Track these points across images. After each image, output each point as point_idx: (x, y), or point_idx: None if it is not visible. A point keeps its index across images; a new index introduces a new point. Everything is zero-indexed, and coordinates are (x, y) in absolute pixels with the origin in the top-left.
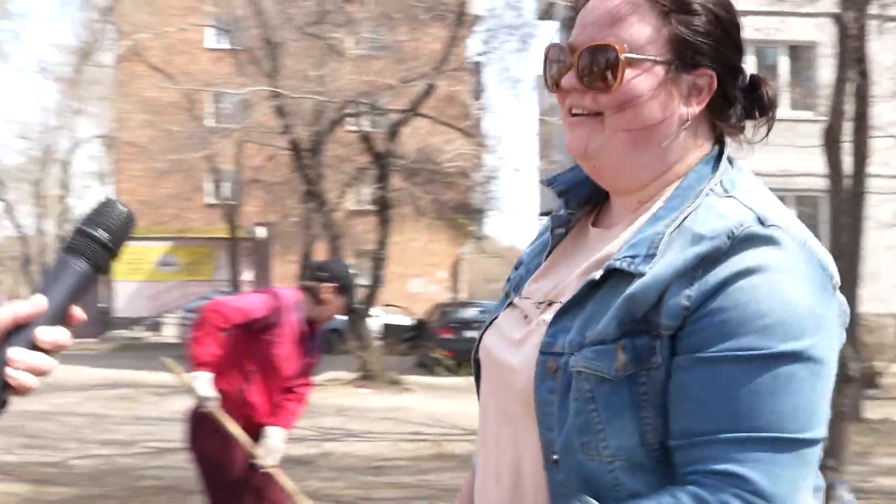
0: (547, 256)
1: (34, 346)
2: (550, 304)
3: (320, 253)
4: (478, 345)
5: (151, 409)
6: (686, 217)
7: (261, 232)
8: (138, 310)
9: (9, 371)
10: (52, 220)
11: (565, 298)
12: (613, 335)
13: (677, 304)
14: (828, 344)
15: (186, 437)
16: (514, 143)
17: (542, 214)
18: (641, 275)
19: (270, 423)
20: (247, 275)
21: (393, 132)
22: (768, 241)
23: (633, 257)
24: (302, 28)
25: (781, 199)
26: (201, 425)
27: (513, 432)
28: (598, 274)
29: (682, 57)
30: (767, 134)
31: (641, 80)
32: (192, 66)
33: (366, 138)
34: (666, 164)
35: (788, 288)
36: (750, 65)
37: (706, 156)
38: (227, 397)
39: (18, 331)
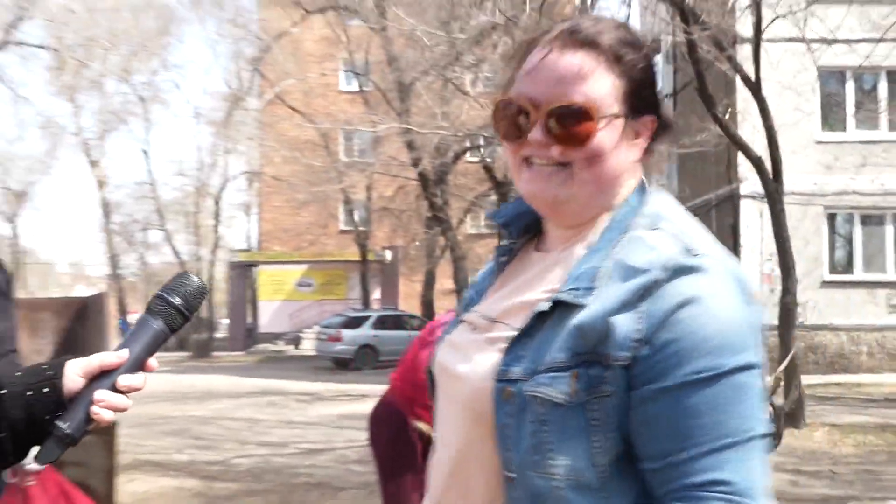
0: (494, 281)
1: (115, 389)
2: (495, 321)
3: (443, 274)
4: (433, 360)
5: (298, 415)
6: (619, 250)
7: (388, 255)
8: (280, 326)
9: (94, 408)
10: (206, 247)
11: (511, 321)
12: (567, 363)
13: (627, 338)
14: (760, 349)
15: (369, 437)
16: None
17: None
18: (583, 306)
19: None
20: (376, 294)
21: None
22: (697, 269)
23: (576, 290)
24: (431, 70)
25: (881, 217)
26: (382, 426)
27: (463, 444)
28: (545, 305)
29: (633, 107)
30: (667, 160)
31: (606, 135)
32: (327, 107)
33: (487, 168)
34: (613, 200)
35: (723, 310)
36: (849, 90)
37: (635, 187)
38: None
39: (104, 375)
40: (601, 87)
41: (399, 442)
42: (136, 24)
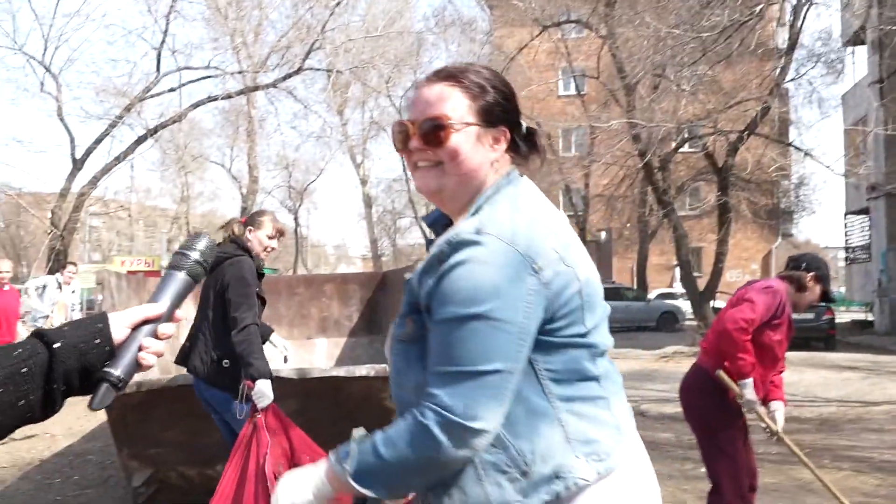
0: None
1: (155, 336)
2: None
3: (653, 252)
4: None
5: None
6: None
7: (603, 236)
8: None
9: (141, 354)
10: None
11: None
12: (406, 313)
13: (426, 291)
14: (506, 308)
15: (685, 402)
16: (823, 153)
17: (848, 213)
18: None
19: (775, 397)
20: None
21: (734, 149)
22: (474, 243)
23: (420, 261)
24: (657, 70)
25: None
26: (700, 393)
27: None
28: (408, 275)
29: (486, 120)
30: (541, 164)
31: (462, 138)
32: (547, 109)
33: (709, 155)
34: (481, 192)
35: (478, 273)
36: None
37: (499, 182)
38: (731, 377)
39: (145, 325)
40: (456, 105)
41: (718, 405)
42: (395, 49)
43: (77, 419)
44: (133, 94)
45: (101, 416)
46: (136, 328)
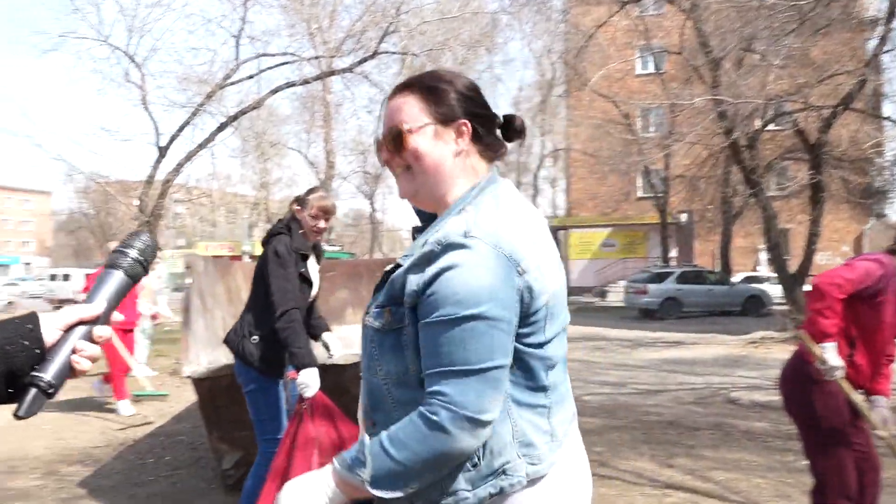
0: None
1: (91, 339)
2: None
3: (737, 234)
4: None
5: (625, 358)
6: (434, 228)
7: (684, 217)
8: (587, 281)
9: (74, 358)
10: None
11: None
12: (384, 303)
13: (412, 289)
14: (501, 307)
15: (788, 393)
16: None
17: None
18: (401, 265)
19: (877, 390)
20: (673, 252)
21: (828, 125)
22: (464, 246)
23: (405, 256)
24: (743, 45)
25: None
26: (801, 384)
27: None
28: (390, 267)
29: (443, 117)
30: (521, 145)
31: (419, 138)
32: (625, 89)
33: (800, 131)
34: (453, 185)
35: (472, 276)
36: None
37: (477, 182)
38: (815, 340)
39: (79, 327)
40: (410, 110)
41: (821, 396)
42: (469, 30)
43: (166, 402)
44: (214, 82)
45: (192, 397)
46: (69, 330)
